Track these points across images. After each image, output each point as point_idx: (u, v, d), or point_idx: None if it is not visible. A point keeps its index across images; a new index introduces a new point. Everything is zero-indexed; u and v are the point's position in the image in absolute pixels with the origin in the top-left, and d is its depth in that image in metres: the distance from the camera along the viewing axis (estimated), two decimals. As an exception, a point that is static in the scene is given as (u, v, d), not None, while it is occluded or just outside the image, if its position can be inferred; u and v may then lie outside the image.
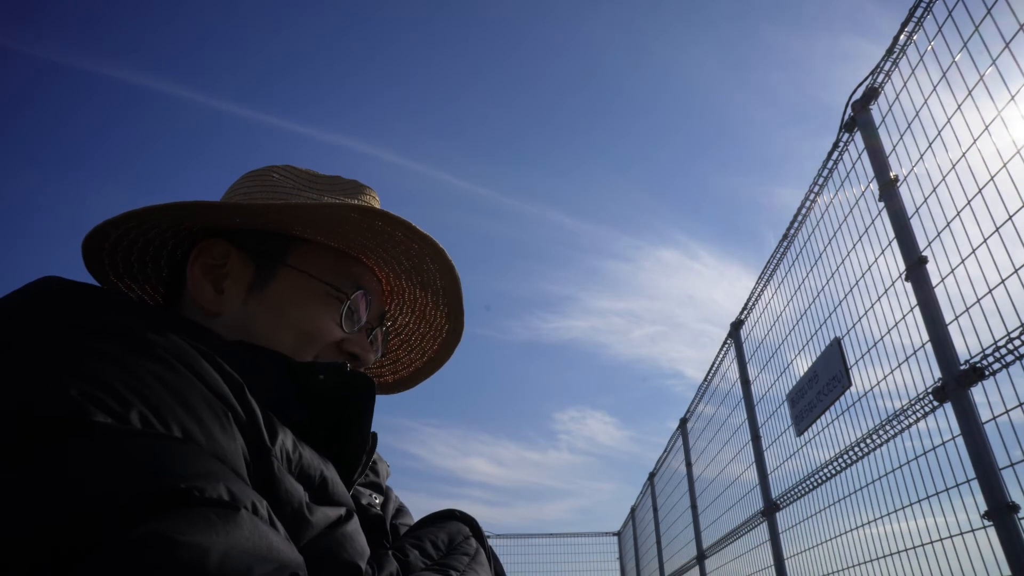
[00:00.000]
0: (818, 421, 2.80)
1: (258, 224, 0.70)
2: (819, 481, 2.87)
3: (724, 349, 4.41)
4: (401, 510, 0.80)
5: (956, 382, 1.89)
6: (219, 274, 0.69)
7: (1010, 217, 1.71)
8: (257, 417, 0.50)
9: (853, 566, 2.59)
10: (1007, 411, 1.74)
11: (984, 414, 1.83)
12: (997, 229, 1.75)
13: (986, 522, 1.80)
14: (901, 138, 2.22)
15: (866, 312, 2.44)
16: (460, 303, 0.83)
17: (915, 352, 2.12)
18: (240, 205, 0.67)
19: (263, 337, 0.65)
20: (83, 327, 0.46)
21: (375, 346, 0.79)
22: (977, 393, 1.86)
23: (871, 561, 2.45)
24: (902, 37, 2.17)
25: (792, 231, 3.15)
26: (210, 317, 0.68)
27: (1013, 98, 1.72)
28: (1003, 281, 1.73)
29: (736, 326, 4.12)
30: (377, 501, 0.74)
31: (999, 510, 1.75)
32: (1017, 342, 1.68)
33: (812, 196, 2.93)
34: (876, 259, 2.38)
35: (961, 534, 1.92)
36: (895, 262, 2.25)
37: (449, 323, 0.86)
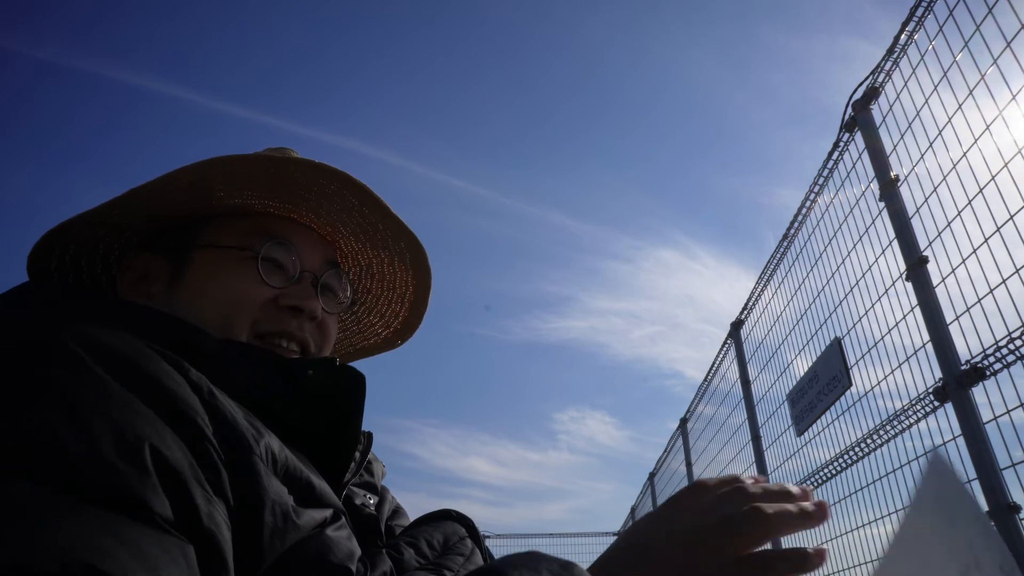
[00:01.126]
0: (818, 421, 2.80)
1: (138, 215, 0.69)
2: (820, 481, 2.87)
3: (724, 349, 4.40)
4: (398, 511, 0.79)
5: (957, 382, 1.88)
6: (148, 282, 0.70)
7: (1011, 217, 1.70)
8: (232, 421, 0.49)
9: (854, 566, 2.59)
10: (1008, 411, 1.74)
11: (985, 414, 1.82)
12: (998, 229, 1.75)
13: (987, 523, 1.79)
14: (902, 138, 2.22)
15: (866, 312, 2.44)
16: (387, 209, 0.75)
17: (916, 352, 2.11)
18: (112, 201, 0.65)
19: (192, 320, 0.63)
20: (40, 346, 0.44)
21: (336, 292, 0.76)
22: (978, 393, 1.86)
23: (872, 562, 2.44)
24: (903, 36, 2.17)
25: (792, 231, 3.14)
26: None
27: (1015, 97, 1.71)
28: (1004, 281, 1.73)
29: (736, 326, 4.12)
30: (372, 501, 0.73)
31: (1000, 511, 1.75)
32: (1018, 342, 1.67)
33: (812, 196, 2.92)
34: (877, 259, 2.37)
35: (962, 535, 1.91)
36: (896, 262, 2.24)
37: (404, 240, 0.80)
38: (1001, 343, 1.72)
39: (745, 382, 3.96)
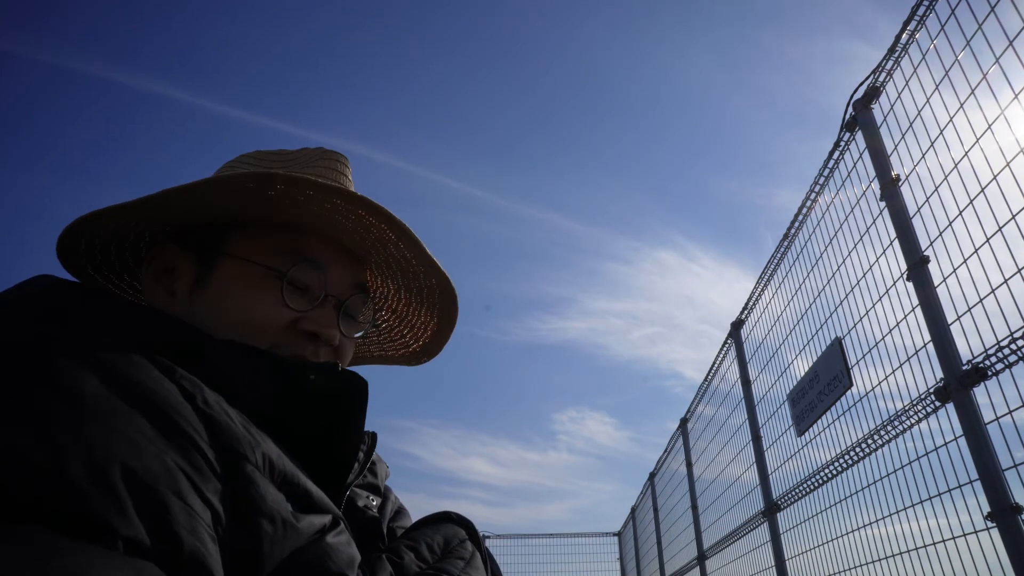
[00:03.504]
0: (819, 421, 2.79)
1: (170, 215, 0.67)
2: (820, 482, 2.86)
3: (724, 349, 4.40)
4: (400, 512, 0.78)
5: (958, 382, 1.88)
6: (172, 277, 0.68)
7: (1013, 217, 1.69)
8: (228, 429, 0.48)
9: (855, 567, 2.58)
10: (1010, 411, 1.73)
11: (987, 415, 1.82)
12: (1000, 228, 1.74)
13: (989, 524, 1.79)
14: (903, 137, 2.21)
15: (867, 312, 2.43)
16: (419, 244, 0.72)
17: (917, 352, 2.10)
18: (126, 204, 0.62)
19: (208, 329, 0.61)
20: (20, 355, 0.44)
21: (358, 317, 0.74)
22: (980, 393, 1.85)
23: (873, 562, 2.43)
24: (904, 35, 2.16)
25: (792, 231, 3.14)
26: None
27: (1016, 96, 1.71)
28: (1006, 281, 1.72)
29: (736, 326, 4.11)
30: (374, 503, 0.73)
31: (1002, 512, 1.74)
32: (1020, 342, 1.66)
33: (813, 196, 2.92)
34: (877, 259, 2.37)
35: (964, 536, 1.90)
36: (896, 262, 2.23)
37: (423, 267, 0.76)
38: (1003, 343, 1.71)
39: (745, 382, 3.95)
